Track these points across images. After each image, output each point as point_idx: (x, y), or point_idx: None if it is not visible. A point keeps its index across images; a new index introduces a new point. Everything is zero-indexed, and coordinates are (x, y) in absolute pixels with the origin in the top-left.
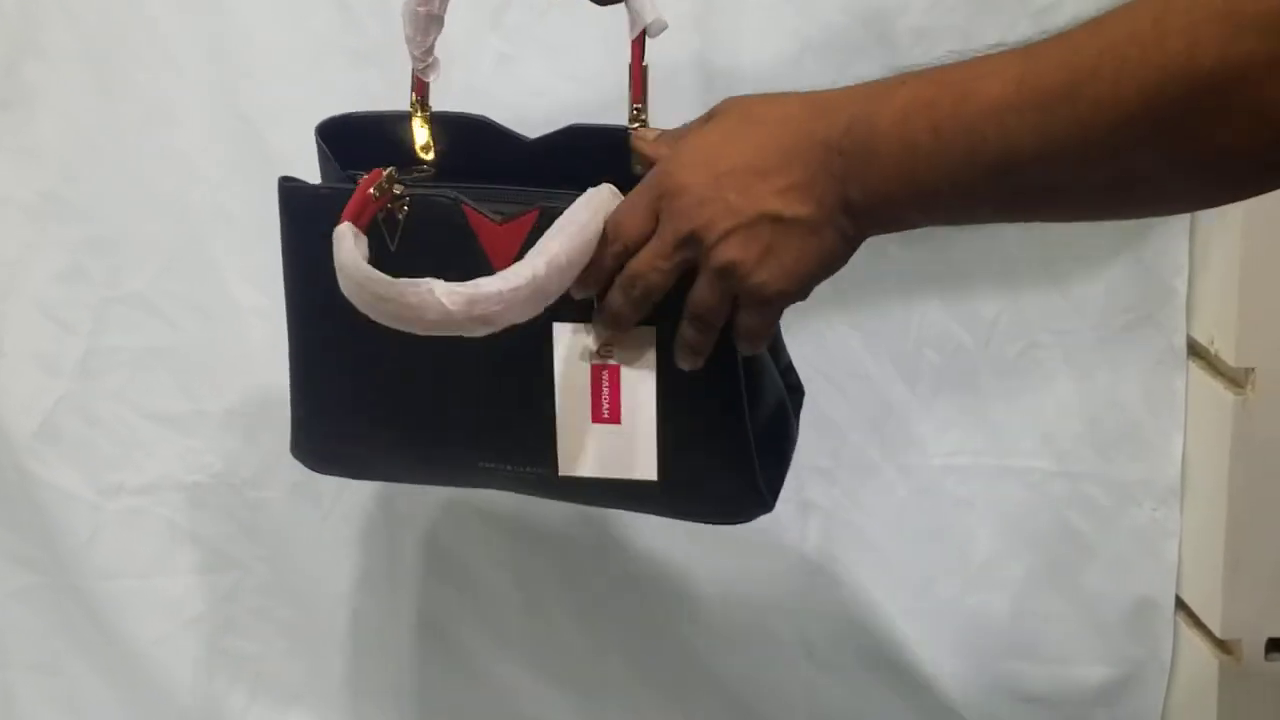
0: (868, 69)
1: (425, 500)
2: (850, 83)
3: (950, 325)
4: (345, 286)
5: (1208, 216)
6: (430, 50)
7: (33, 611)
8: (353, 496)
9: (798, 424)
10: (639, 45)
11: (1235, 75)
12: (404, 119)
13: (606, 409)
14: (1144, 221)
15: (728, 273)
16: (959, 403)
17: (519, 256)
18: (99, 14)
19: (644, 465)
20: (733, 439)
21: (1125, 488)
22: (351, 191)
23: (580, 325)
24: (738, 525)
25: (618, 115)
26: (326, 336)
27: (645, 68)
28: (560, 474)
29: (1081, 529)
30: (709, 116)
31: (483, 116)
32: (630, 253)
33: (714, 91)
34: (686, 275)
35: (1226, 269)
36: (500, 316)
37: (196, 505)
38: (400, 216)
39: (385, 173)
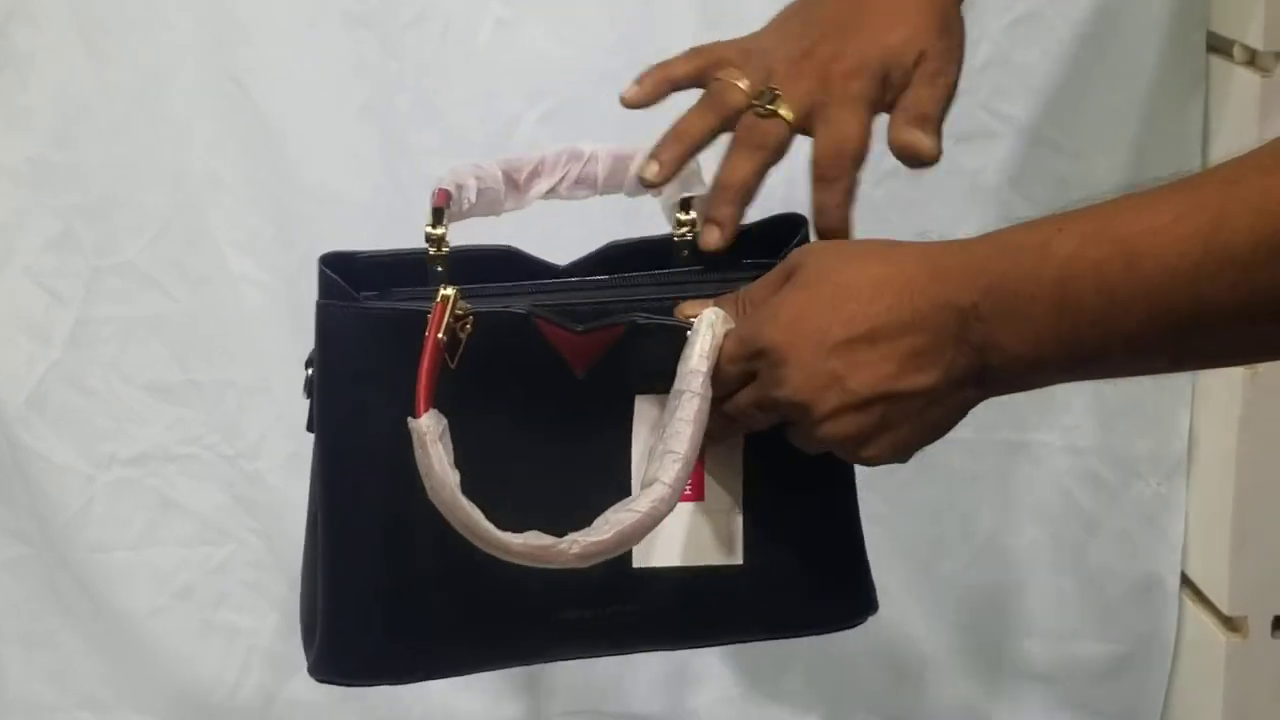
0: None
1: None
2: None
3: None
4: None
5: None
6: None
7: (23, 584)
8: None
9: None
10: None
11: None
12: (417, 261)
13: (689, 483)
14: None
15: (834, 444)
16: None
17: (603, 359)
18: None
19: (727, 548)
20: (839, 519)
21: (1131, 463)
22: (410, 314)
23: (662, 397)
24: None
25: (616, 83)
26: (363, 498)
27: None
28: (635, 565)
29: (1086, 505)
30: (788, 272)
31: (508, 247)
32: (723, 397)
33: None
34: None
35: None
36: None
37: (189, 477)
38: (463, 335)
39: (451, 301)
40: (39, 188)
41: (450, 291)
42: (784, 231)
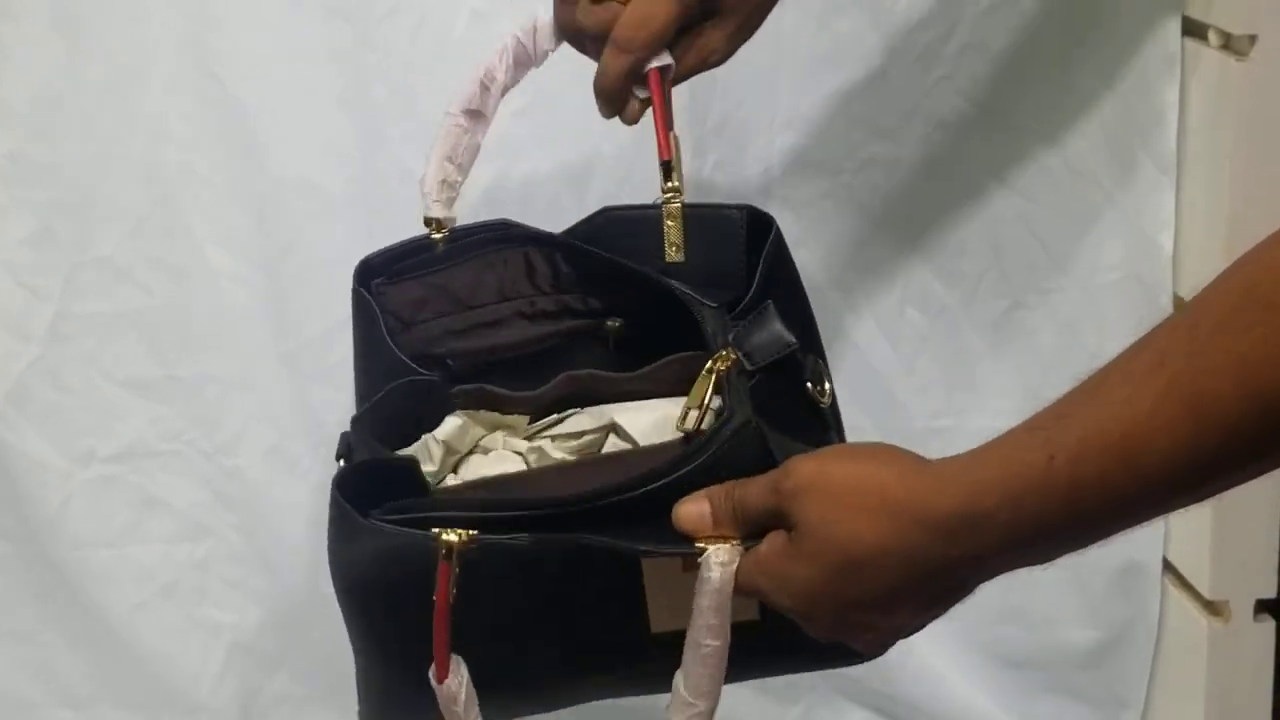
0: (848, 24)
1: None
2: (829, 34)
3: (933, 284)
4: None
5: (1193, 172)
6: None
7: (3, 581)
8: (329, 463)
9: None
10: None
11: None
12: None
13: None
14: (1129, 179)
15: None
16: (942, 363)
17: None
18: None
19: (745, 607)
20: None
21: None
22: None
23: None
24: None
25: (591, 75)
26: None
27: (676, 138)
28: (654, 630)
29: None
30: (782, 512)
31: (504, 220)
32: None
33: None
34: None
35: (1212, 226)
36: None
37: (169, 473)
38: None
39: (453, 561)
40: (15, 183)
41: (453, 538)
42: (754, 229)
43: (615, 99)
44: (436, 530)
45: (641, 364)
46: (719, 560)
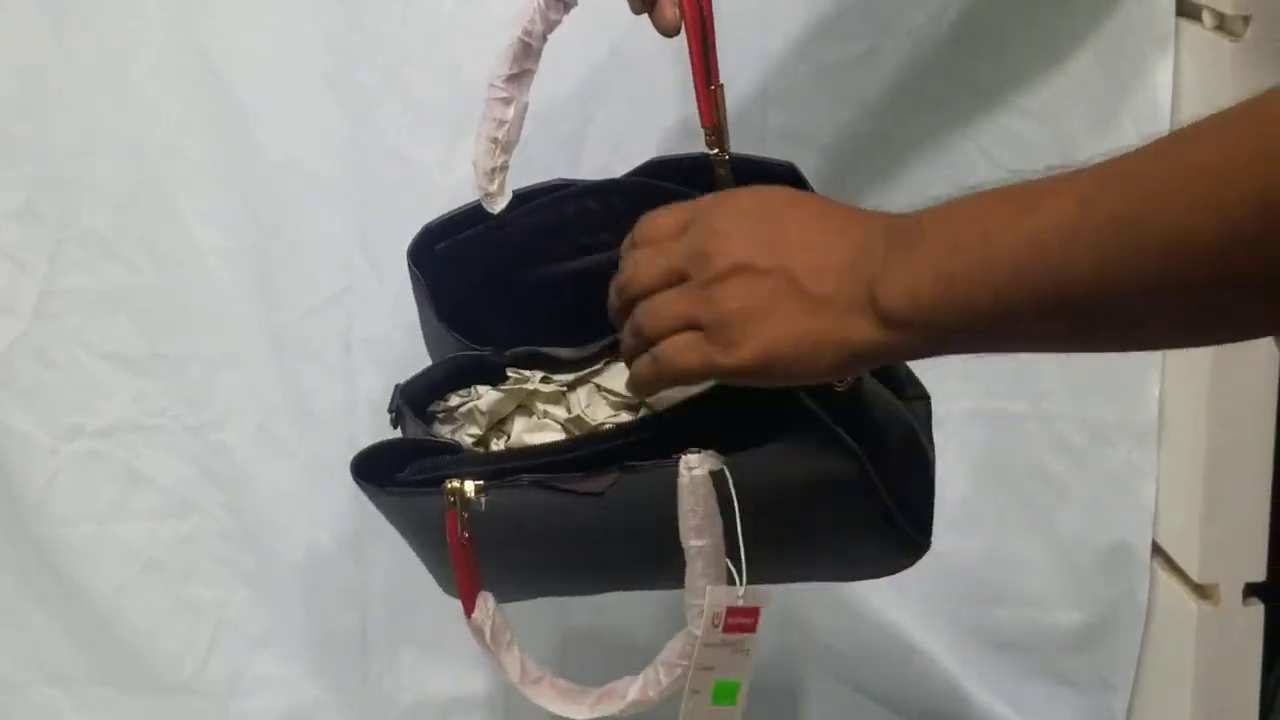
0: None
1: None
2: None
3: None
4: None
5: None
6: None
7: None
8: (317, 441)
9: (930, 436)
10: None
11: None
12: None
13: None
14: None
15: (714, 320)
16: None
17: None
18: None
19: None
20: (863, 503)
21: (1101, 429)
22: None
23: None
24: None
25: (581, 55)
26: None
27: (716, 90)
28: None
29: (1056, 471)
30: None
31: (560, 179)
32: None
33: None
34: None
35: None
36: None
37: (155, 449)
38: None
39: (459, 505)
40: (1, 160)
41: (458, 485)
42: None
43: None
44: (449, 484)
45: None
46: (688, 465)
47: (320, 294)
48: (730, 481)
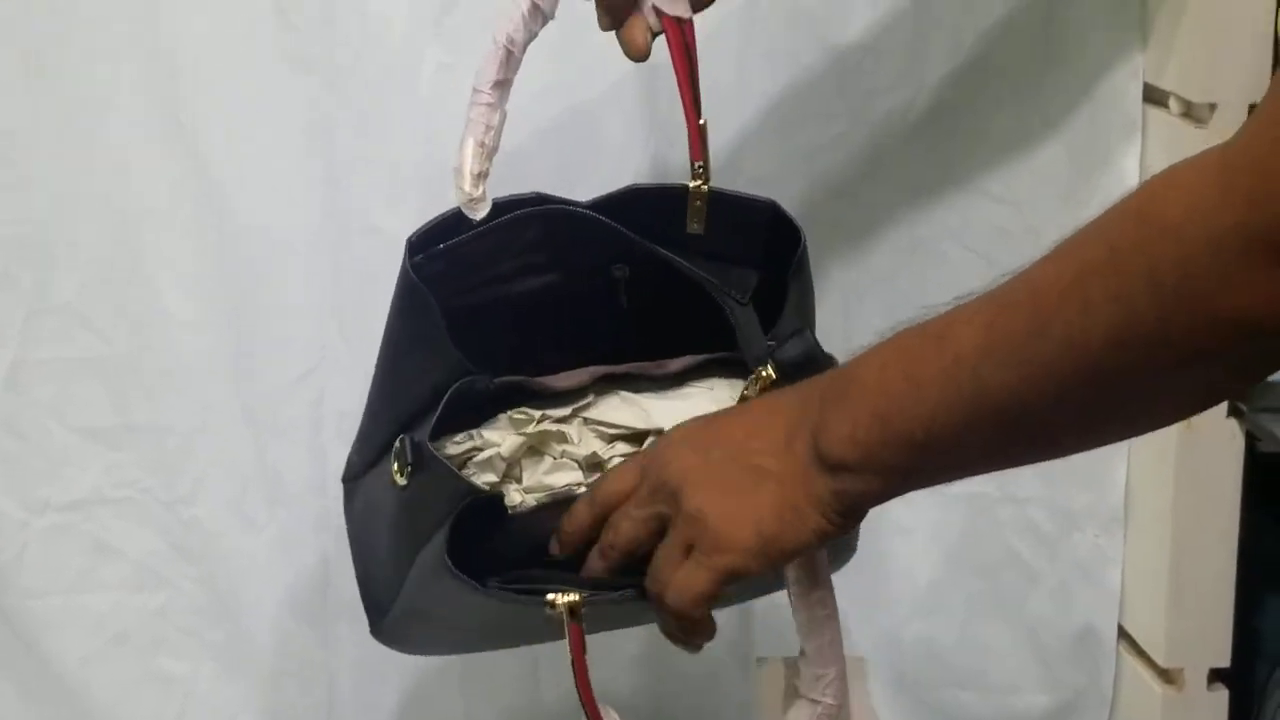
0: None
1: None
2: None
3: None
4: None
5: None
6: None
7: None
8: (286, 517)
9: None
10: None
11: (1200, 291)
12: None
13: None
14: None
15: (694, 519)
16: None
17: None
18: (21, 3)
19: None
20: None
21: (1069, 514)
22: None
23: None
24: None
25: (557, 130)
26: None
27: (703, 126)
28: None
29: (1025, 555)
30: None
31: (538, 193)
32: (610, 509)
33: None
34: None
35: None
36: None
37: (125, 522)
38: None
39: (580, 626)
40: None
41: (573, 598)
42: (782, 236)
43: (616, 6)
44: (552, 597)
45: (653, 319)
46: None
47: (293, 367)
48: None
